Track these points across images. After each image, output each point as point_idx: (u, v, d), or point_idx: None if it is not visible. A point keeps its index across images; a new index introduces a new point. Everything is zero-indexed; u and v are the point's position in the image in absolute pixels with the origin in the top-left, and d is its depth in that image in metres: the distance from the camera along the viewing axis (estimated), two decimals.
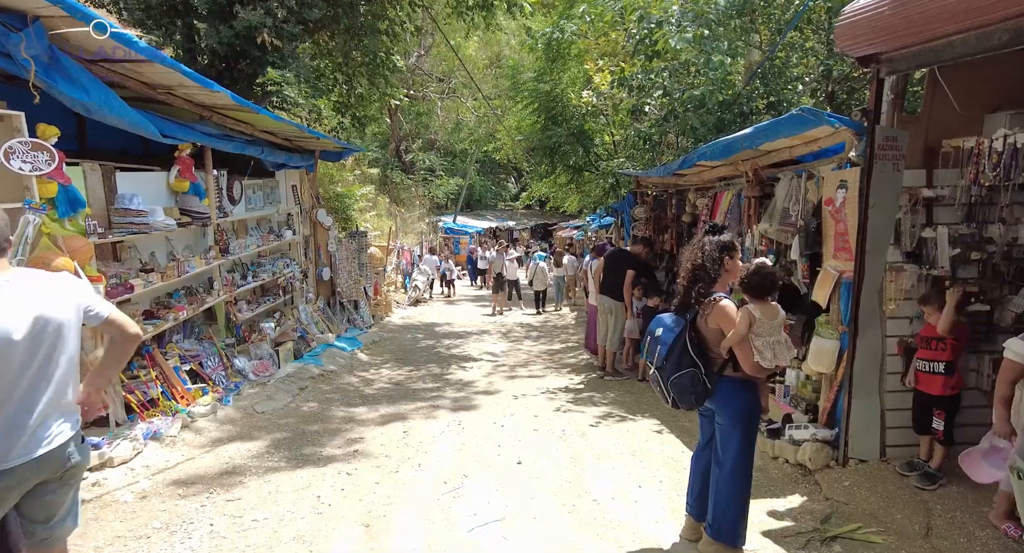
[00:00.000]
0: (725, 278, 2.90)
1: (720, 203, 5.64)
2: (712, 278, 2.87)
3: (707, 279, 2.87)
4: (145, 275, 4.82)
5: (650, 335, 3.03)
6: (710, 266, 2.87)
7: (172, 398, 4.91)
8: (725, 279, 2.90)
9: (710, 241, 2.93)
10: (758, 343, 2.75)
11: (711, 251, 2.89)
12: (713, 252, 2.89)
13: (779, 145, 4.39)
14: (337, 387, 6.63)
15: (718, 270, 2.87)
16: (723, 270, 2.88)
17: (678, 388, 2.84)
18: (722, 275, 2.88)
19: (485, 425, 5.27)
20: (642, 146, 8.78)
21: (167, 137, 5.05)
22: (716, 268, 2.86)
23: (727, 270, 2.88)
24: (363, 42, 8.86)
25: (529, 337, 10.08)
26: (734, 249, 2.91)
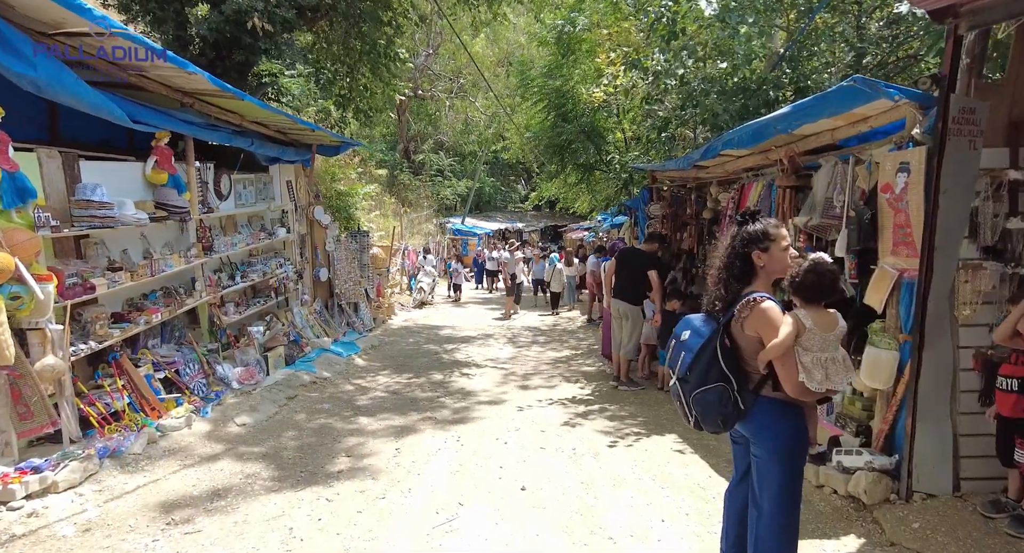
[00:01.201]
0: (765, 275, 2.35)
1: (748, 196, 5.09)
2: (740, 279, 2.33)
3: (734, 281, 2.34)
4: (112, 274, 4.37)
5: (675, 339, 2.50)
6: (737, 265, 2.34)
7: (140, 410, 4.45)
8: (765, 277, 2.35)
9: (736, 234, 2.40)
10: (806, 359, 2.22)
11: (735, 246, 2.36)
12: (737, 247, 2.35)
13: (820, 127, 3.84)
14: (329, 396, 6.15)
15: (747, 269, 2.32)
16: (756, 267, 2.34)
17: (702, 405, 2.31)
18: (758, 272, 2.34)
19: (486, 441, 4.76)
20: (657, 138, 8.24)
21: (139, 123, 4.61)
22: (744, 266, 2.33)
23: (763, 266, 2.34)
24: (362, 29, 8.40)
25: (537, 342, 9.55)
26: (769, 239, 2.35)
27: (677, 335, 2.47)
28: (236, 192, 6.93)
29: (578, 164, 16.02)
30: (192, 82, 4.96)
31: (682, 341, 2.41)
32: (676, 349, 2.43)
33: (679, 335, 2.45)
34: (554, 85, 15.04)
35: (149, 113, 4.80)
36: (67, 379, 3.71)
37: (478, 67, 15.90)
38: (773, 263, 2.31)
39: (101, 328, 4.24)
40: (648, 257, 6.25)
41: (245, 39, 7.23)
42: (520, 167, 33.76)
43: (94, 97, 3.97)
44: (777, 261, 2.32)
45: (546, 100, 15.36)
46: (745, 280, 2.31)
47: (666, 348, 2.56)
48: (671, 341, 2.50)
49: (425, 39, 24.19)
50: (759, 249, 2.30)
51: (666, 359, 2.54)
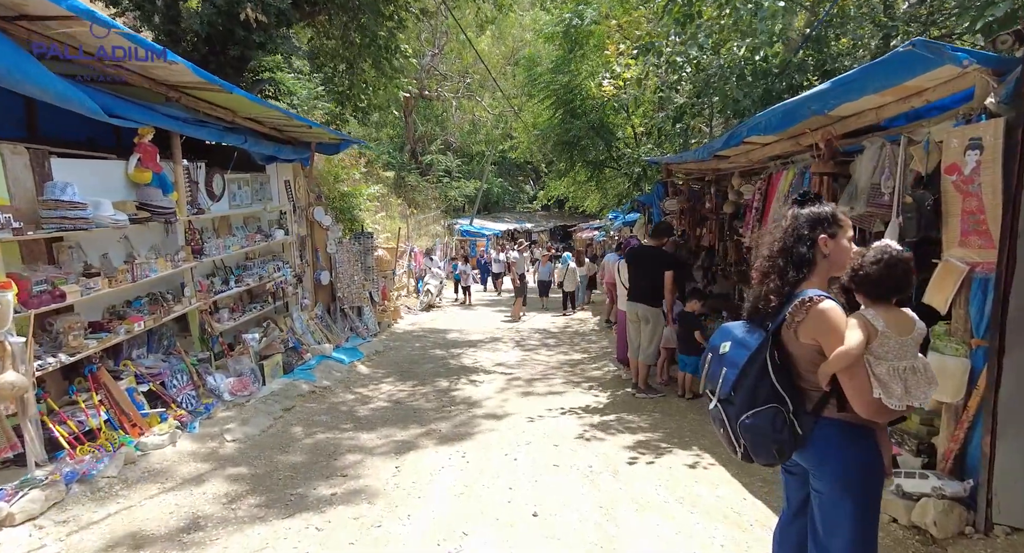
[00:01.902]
0: (825, 269, 1.94)
1: (777, 186, 4.65)
2: (800, 268, 1.91)
3: (792, 270, 1.92)
4: (87, 280, 4.04)
5: (712, 352, 2.08)
6: (797, 250, 1.92)
7: (119, 427, 4.11)
8: (825, 271, 1.94)
9: (797, 214, 1.97)
10: (881, 370, 1.80)
11: (798, 227, 1.94)
12: (800, 229, 1.93)
13: (863, 105, 3.41)
14: (328, 407, 5.79)
15: (810, 256, 1.91)
16: (818, 256, 1.92)
17: (753, 433, 1.89)
18: (818, 263, 1.92)
19: (494, 458, 4.36)
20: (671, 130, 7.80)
21: (116, 117, 4.28)
22: (807, 253, 1.90)
23: (826, 256, 1.92)
24: (361, 22, 8.06)
25: (547, 345, 9.14)
26: (837, 224, 1.94)
27: (715, 347, 2.06)
28: (230, 192, 6.60)
29: (587, 161, 15.59)
30: (174, 73, 4.62)
31: (722, 354, 2.00)
32: (715, 364, 2.02)
33: (717, 347, 2.04)
34: (562, 81, 14.64)
35: (129, 107, 4.48)
36: (30, 396, 3.38)
37: (484, 64, 15.56)
38: (839, 254, 1.90)
39: (75, 339, 3.90)
40: (661, 254, 5.82)
41: (239, 32, 6.90)
42: (528, 167, 33.40)
43: (61, 87, 3.64)
44: (843, 252, 1.90)
45: (554, 96, 14.96)
46: (806, 270, 1.90)
47: (701, 362, 2.14)
48: (707, 354, 2.09)
49: (431, 39, 23.91)
50: (828, 234, 1.89)
51: (701, 375, 2.12)
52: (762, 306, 1.95)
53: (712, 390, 2.02)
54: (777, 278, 1.92)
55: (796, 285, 1.89)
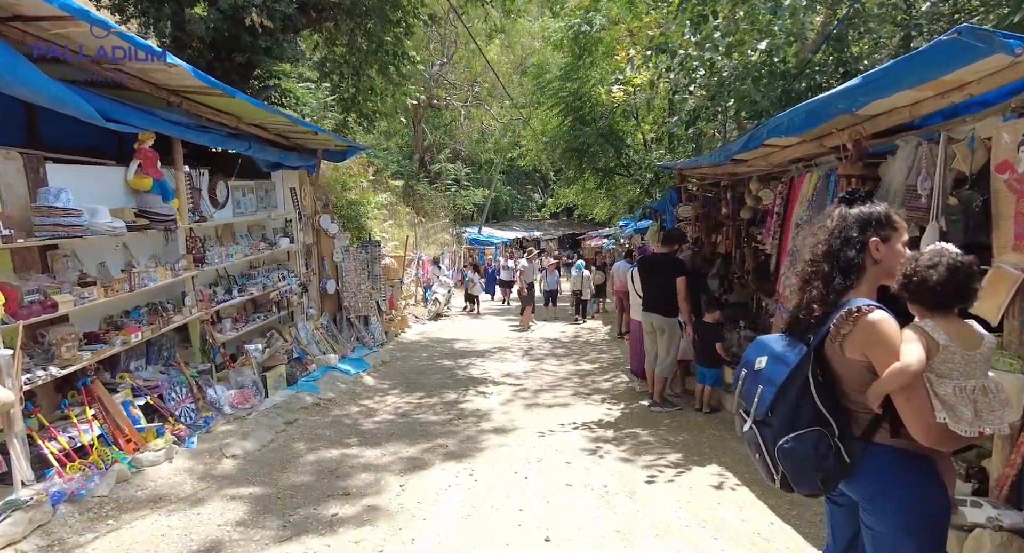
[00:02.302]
0: (875, 276, 1.73)
1: (799, 189, 4.44)
2: (848, 274, 1.70)
3: (839, 276, 1.70)
4: (81, 289, 3.89)
5: (746, 368, 1.87)
6: (844, 254, 1.70)
7: (113, 443, 3.94)
8: (874, 279, 1.73)
9: (845, 214, 1.76)
10: (945, 390, 1.58)
11: (846, 229, 1.72)
12: (848, 230, 1.72)
13: (896, 102, 3.19)
14: (332, 420, 5.61)
15: (858, 261, 1.70)
16: (868, 261, 1.71)
17: (794, 459, 1.68)
18: (867, 269, 1.71)
19: (503, 476, 4.15)
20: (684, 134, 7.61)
21: (114, 122, 4.17)
22: (856, 258, 1.69)
23: (877, 262, 1.71)
24: (368, 27, 7.96)
25: (556, 355, 8.92)
26: (891, 226, 1.73)
27: (749, 363, 1.85)
28: (234, 200, 6.48)
29: (597, 168, 15.44)
30: (175, 77, 4.50)
31: (758, 371, 1.79)
32: (750, 381, 1.81)
33: (752, 362, 1.83)
34: (571, 88, 14.53)
35: (128, 111, 4.36)
36: (16, 412, 3.22)
37: (493, 70, 15.48)
38: (891, 259, 1.69)
39: (68, 351, 3.75)
40: (673, 262, 5.61)
41: (245, 38, 6.82)
42: (537, 175, 33.32)
43: (55, 90, 3.52)
44: (896, 258, 1.69)
45: (563, 103, 14.85)
46: (854, 277, 1.69)
47: (735, 380, 1.93)
48: (740, 370, 1.88)
49: (440, 49, 23.96)
50: (879, 237, 1.68)
51: (734, 391, 1.90)
52: (804, 316, 1.73)
53: (746, 410, 1.81)
54: (821, 285, 1.71)
55: (843, 293, 1.68)
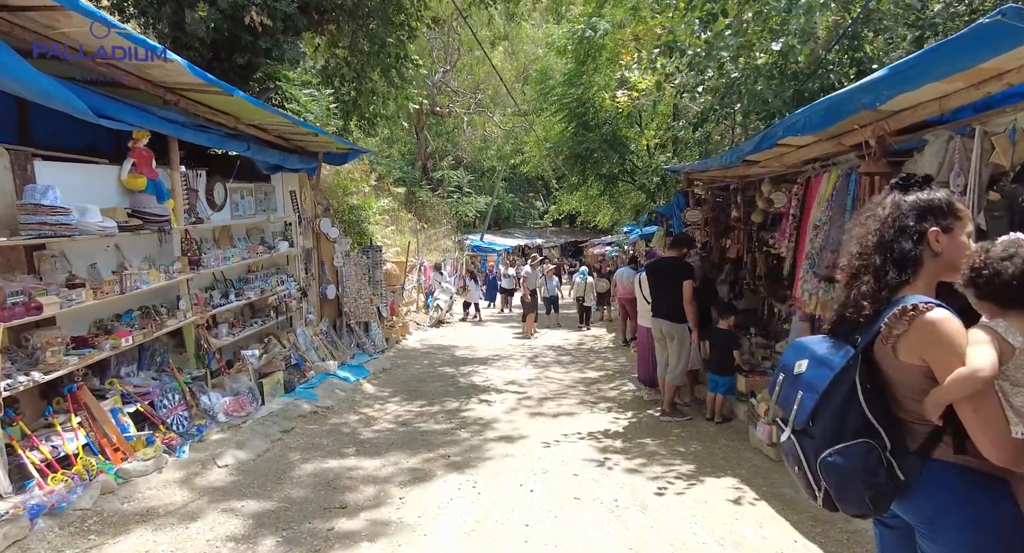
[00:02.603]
0: (934, 271, 1.53)
1: (816, 190, 4.27)
2: (903, 268, 1.50)
3: (893, 270, 1.50)
4: (69, 291, 3.73)
5: (784, 372, 1.68)
6: (899, 246, 1.51)
7: (99, 452, 3.76)
8: (933, 273, 1.54)
9: (899, 201, 1.56)
10: (1021, 401, 1.39)
11: (901, 217, 1.52)
12: (904, 219, 1.52)
13: (925, 94, 3.03)
14: (330, 429, 5.42)
15: (916, 253, 1.50)
16: (927, 254, 1.52)
17: (839, 474, 1.48)
18: (925, 263, 1.51)
19: (508, 488, 3.95)
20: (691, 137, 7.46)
21: (106, 118, 4.02)
22: (912, 250, 1.50)
23: (937, 255, 1.51)
24: (370, 28, 7.86)
25: (561, 363, 8.72)
26: (954, 215, 1.52)
27: (787, 366, 1.67)
28: (232, 202, 6.35)
29: (600, 174, 15.32)
30: (171, 73, 4.37)
31: (797, 375, 1.60)
32: (788, 387, 1.63)
33: (790, 366, 1.65)
34: (574, 94, 14.45)
35: (122, 108, 4.23)
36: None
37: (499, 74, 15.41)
38: (953, 252, 1.50)
39: (53, 355, 3.58)
40: (681, 266, 5.45)
41: (245, 38, 6.71)
42: (539, 182, 33.27)
43: (44, 84, 3.38)
44: (959, 250, 1.50)
45: (566, 110, 14.77)
46: (910, 272, 1.50)
47: (771, 385, 1.74)
48: (778, 375, 1.70)
49: (443, 56, 23.98)
50: (940, 226, 1.50)
51: (772, 398, 1.72)
52: (851, 314, 1.55)
53: (784, 418, 1.63)
54: (872, 280, 1.52)
55: (897, 289, 1.49)
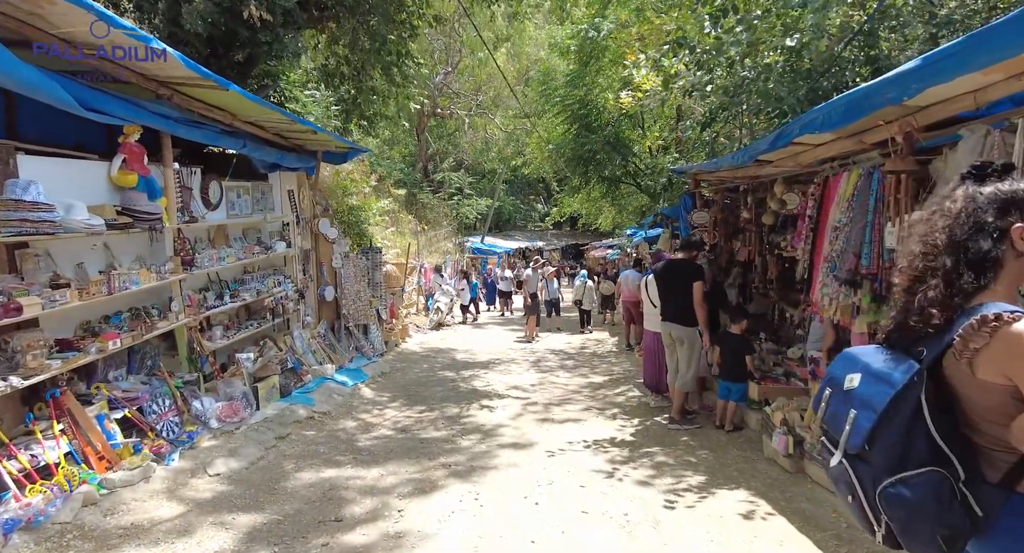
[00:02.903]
0: (1019, 272, 1.31)
1: (835, 190, 4.09)
2: (981, 271, 1.30)
3: (968, 274, 1.30)
4: (52, 292, 3.56)
5: (831, 386, 1.49)
6: (975, 245, 1.31)
7: (83, 461, 3.58)
8: (1016, 276, 1.32)
9: (974, 194, 1.36)
10: None
11: (977, 212, 1.32)
12: (981, 214, 1.32)
13: (958, 87, 2.85)
14: (327, 435, 5.24)
15: (996, 253, 1.29)
16: (1009, 255, 1.30)
17: (906, 508, 1.29)
18: (1006, 265, 1.30)
19: (512, 501, 3.77)
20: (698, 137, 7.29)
21: (95, 111, 3.86)
22: (992, 249, 1.29)
23: (1022, 255, 1.30)
24: (371, 25, 7.70)
25: (564, 367, 8.54)
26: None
27: (835, 379, 1.48)
28: (228, 201, 6.17)
29: (603, 177, 15.17)
30: (164, 67, 4.19)
31: (849, 390, 1.41)
32: (838, 403, 1.44)
33: (839, 379, 1.46)
34: (577, 95, 14.31)
35: (111, 101, 4.06)
36: None
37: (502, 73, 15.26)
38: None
39: (34, 359, 3.41)
40: (691, 267, 5.28)
41: (243, 33, 6.54)
42: (540, 185, 33.16)
43: (27, 74, 3.22)
44: None
45: (568, 111, 14.63)
46: (990, 275, 1.30)
47: (816, 400, 1.55)
48: (824, 389, 1.51)
49: (444, 58, 23.86)
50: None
51: (818, 414, 1.53)
52: (917, 324, 1.35)
53: (832, 439, 1.44)
54: (942, 285, 1.32)
55: (972, 295, 1.30)
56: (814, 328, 5.05)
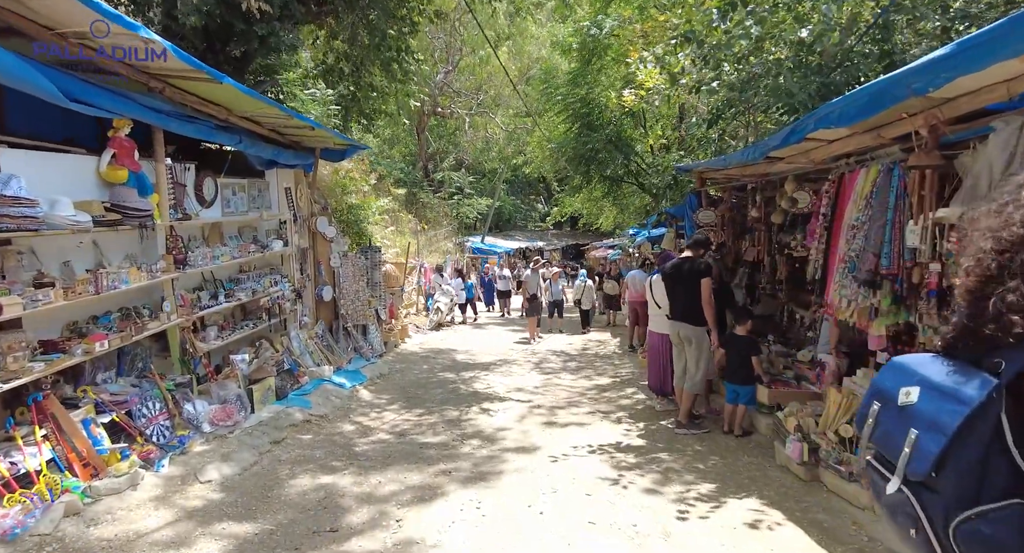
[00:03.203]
0: None
1: (852, 187, 3.93)
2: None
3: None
4: (35, 291, 3.40)
5: (879, 399, 1.31)
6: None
7: (67, 468, 3.42)
8: None
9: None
10: None
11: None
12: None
13: (991, 76, 2.68)
14: (324, 438, 5.09)
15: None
16: None
17: (984, 545, 1.11)
18: None
19: (515, 510, 3.61)
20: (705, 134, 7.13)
21: (81, 103, 3.70)
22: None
23: None
24: (370, 19, 7.54)
25: (567, 369, 8.38)
26: None
27: (885, 392, 1.30)
28: (223, 198, 6.02)
29: (605, 176, 15.01)
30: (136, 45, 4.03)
31: (905, 406, 1.24)
32: (892, 420, 1.25)
33: (892, 393, 1.28)
34: (579, 93, 14.16)
35: (99, 93, 3.90)
36: None
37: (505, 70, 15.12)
38: None
39: (15, 361, 3.25)
40: (698, 265, 5.14)
41: (239, 25, 6.38)
42: (540, 185, 33.02)
43: (7, 62, 3.06)
44: None
45: (570, 110, 14.48)
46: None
47: (860, 416, 1.38)
48: (871, 404, 1.34)
49: (445, 57, 23.72)
50: None
51: (864, 432, 1.36)
52: (993, 332, 1.17)
53: (886, 461, 1.27)
54: (993, 293, 1.16)
55: None
56: (824, 330, 4.90)
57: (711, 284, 5.05)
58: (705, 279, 5.02)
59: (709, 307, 4.99)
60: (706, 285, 5.00)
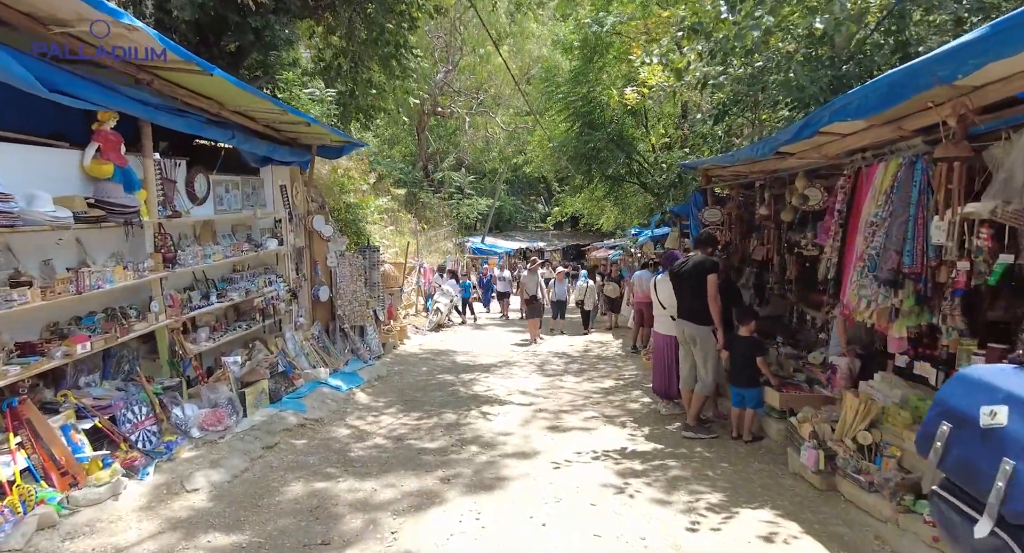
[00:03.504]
0: None
1: (870, 182, 3.75)
2: None
3: None
4: (10, 291, 3.23)
5: (951, 419, 1.14)
6: None
7: (43, 478, 3.24)
8: None
9: None
10: None
11: None
12: None
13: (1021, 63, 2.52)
14: (319, 444, 4.91)
15: None
16: None
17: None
18: None
19: (516, 521, 3.43)
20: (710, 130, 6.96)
21: (62, 94, 3.53)
22: None
23: None
24: (368, 13, 7.37)
25: (569, 371, 8.20)
26: None
27: (956, 411, 1.12)
28: (216, 195, 5.84)
29: (606, 175, 14.84)
30: (139, 45, 3.87)
31: (991, 430, 1.07)
32: (970, 447, 1.08)
33: (965, 414, 1.11)
34: (580, 91, 14.00)
35: (82, 83, 3.72)
36: None
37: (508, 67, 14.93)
38: None
39: None
40: (704, 261, 4.97)
41: (233, 18, 6.22)
42: (541, 185, 32.85)
43: None
44: None
45: (571, 109, 14.32)
46: None
47: (923, 436, 1.21)
48: (939, 423, 1.17)
49: (445, 56, 23.57)
50: None
51: (932, 458, 1.18)
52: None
53: (963, 494, 1.09)
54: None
55: None
56: (834, 333, 4.73)
57: (717, 280, 4.89)
58: (712, 275, 4.86)
59: (715, 304, 4.82)
60: (712, 281, 4.83)
